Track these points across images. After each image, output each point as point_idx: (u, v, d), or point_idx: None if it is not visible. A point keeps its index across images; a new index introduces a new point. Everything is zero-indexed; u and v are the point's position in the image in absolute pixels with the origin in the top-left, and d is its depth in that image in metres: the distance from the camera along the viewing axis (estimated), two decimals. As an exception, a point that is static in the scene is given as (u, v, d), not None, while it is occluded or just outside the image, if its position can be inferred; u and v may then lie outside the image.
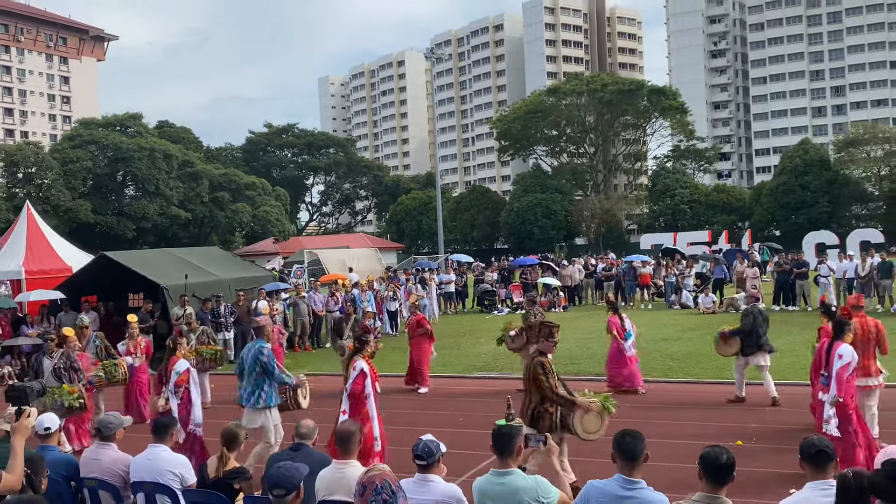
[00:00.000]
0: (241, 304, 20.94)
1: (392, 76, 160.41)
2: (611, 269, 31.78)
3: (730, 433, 10.58)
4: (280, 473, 4.57)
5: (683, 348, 17.85)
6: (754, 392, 13.29)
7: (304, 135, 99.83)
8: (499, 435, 5.27)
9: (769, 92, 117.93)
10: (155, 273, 20.56)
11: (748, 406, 12.54)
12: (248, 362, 9.70)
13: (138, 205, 67.33)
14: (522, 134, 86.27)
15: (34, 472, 5.11)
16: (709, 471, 4.55)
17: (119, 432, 6.84)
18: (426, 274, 30.78)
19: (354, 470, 5.57)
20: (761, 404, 12.55)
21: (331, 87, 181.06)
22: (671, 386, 14.45)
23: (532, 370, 8.34)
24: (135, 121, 75.19)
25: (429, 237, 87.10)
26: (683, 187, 77.95)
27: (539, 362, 8.32)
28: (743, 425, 11.32)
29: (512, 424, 5.35)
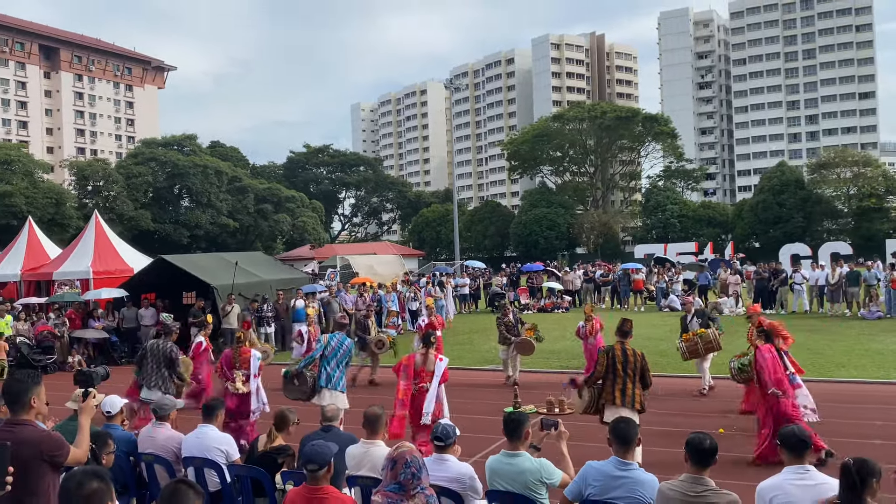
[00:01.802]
0: (280, 303, 21.02)
1: (415, 103, 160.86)
2: (608, 276, 31.65)
3: (712, 422, 10.49)
4: (313, 450, 4.58)
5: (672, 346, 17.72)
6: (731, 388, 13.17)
7: (338, 154, 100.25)
8: (508, 421, 5.28)
9: (750, 119, 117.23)
10: (206, 274, 20.68)
11: (730, 399, 12.43)
12: (338, 351, 10.02)
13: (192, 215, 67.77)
14: (530, 155, 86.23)
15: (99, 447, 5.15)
16: (694, 454, 4.53)
17: (173, 413, 6.89)
18: (443, 278, 30.78)
19: (380, 449, 5.59)
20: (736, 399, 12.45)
21: (361, 113, 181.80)
22: (660, 380, 14.29)
23: (643, 359, 8.37)
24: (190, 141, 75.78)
25: (446, 245, 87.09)
26: (673, 203, 77.54)
27: (639, 352, 8.49)
28: (723, 416, 11.23)
29: (520, 411, 5.33)
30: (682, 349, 12.61)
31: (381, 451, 5.53)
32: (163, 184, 68.12)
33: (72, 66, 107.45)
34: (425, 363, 9.15)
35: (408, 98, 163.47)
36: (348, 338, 10.39)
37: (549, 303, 30.58)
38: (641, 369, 8.34)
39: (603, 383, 8.44)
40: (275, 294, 21.31)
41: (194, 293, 21.27)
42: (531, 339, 14.16)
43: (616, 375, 8.31)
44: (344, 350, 10.15)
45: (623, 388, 8.29)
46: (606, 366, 8.40)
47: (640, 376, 8.32)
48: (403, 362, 9.26)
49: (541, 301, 31.13)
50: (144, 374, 10.97)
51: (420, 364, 9.12)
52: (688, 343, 12.62)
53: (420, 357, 9.23)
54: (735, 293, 26.80)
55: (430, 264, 58.57)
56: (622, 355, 8.38)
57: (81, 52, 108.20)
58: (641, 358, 8.41)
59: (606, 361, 8.42)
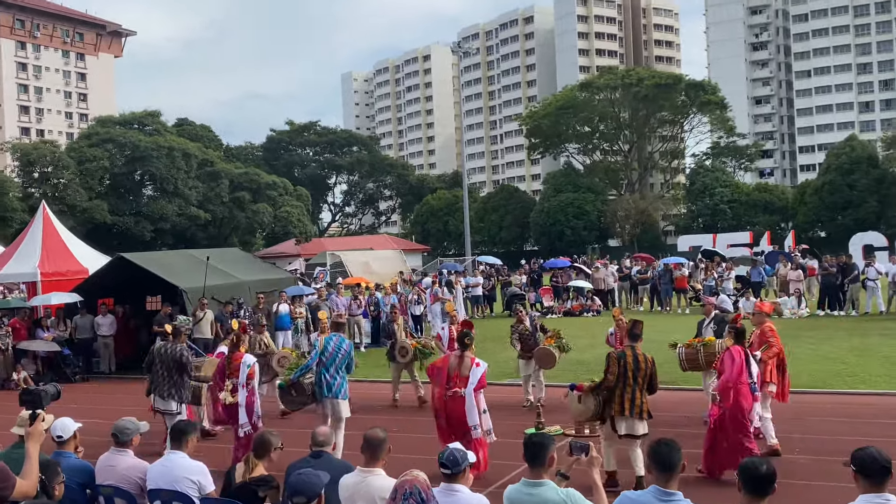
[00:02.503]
0: (261, 308, 21.05)
1: (417, 71, 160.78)
2: (646, 272, 31.56)
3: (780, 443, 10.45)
4: (301, 481, 4.59)
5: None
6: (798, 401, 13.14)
7: (327, 133, 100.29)
8: (530, 444, 5.26)
9: (814, 86, 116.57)
10: (173, 275, 20.70)
11: (792, 415, 12.39)
12: (336, 355, 10.38)
13: (156, 205, 67.93)
14: (553, 131, 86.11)
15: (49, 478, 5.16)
16: (748, 482, 4.51)
17: (136, 438, 6.89)
18: (452, 277, 30.79)
19: (379, 479, 5.58)
20: (805, 414, 12.41)
21: (354, 84, 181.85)
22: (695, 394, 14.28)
23: (653, 364, 9.02)
24: (153, 118, 75.91)
25: (455, 238, 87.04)
26: (723, 186, 77.32)
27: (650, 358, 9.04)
28: (785, 435, 11.21)
29: (543, 433, 5.33)
30: (681, 356, 12.45)
31: (380, 482, 5.53)
32: (121, 169, 68.27)
33: (13, 32, 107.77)
34: (460, 367, 9.33)
35: (408, 65, 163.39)
36: (347, 339, 10.64)
37: (577, 305, 30.55)
38: (650, 376, 8.97)
39: (612, 392, 8.91)
40: (254, 297, 21.36)
41: (159, 297, 21.32)
42: (552, 347, 13.86)
43: (626, 384, 8.87)
44: (343, 353, 10.41)
45: (632, 398, 8.87)
46: (618, 374, 8.89)
47: (647, 383, 8.97)
48: (437, 364, 9.35)
49: (567, 303, 31.10)
50: (156, 383, 11.47)
51: (454, 367, 9.35)
52: (688, 350, 12.45)
53: (455, 360, 9.35)
54: (797, 292, 26.71)
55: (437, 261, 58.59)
56: (633, 362, 8.94)
57: (24, 16, 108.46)
58: (652, 364, 9.01)
59: (618, 369, 8.89)
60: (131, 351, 21.98)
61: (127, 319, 21.87)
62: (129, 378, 20.61)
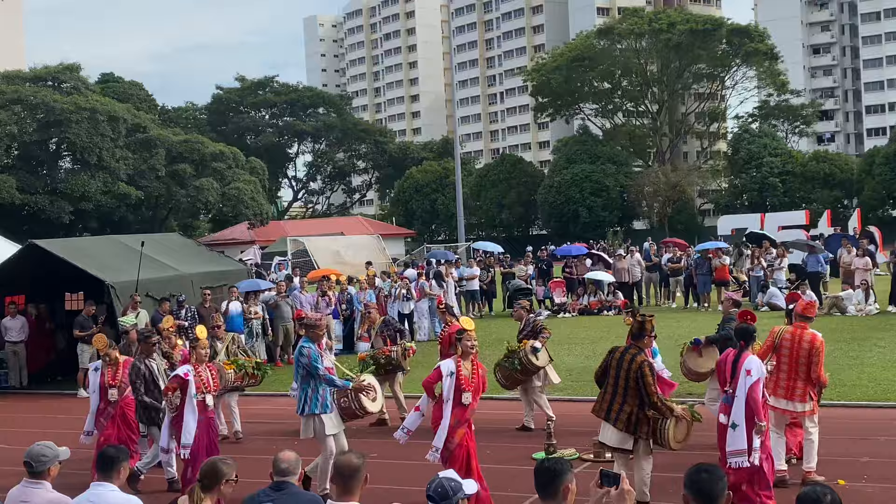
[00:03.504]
0: (207, 306, 21.01)
1: (398, 15, 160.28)
2: (680, 261, 31.60)
3: (833, 469, 10.52)
4: (259, 519, 4.58)
5: (773, 361, 17.74)
6: (865, 417, 13.20)
7: (286, 90, 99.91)
8: (542, 471, 5.26)
9: (884, 31, 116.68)
10: (98, 267, 20.61)
11: (859, 434, 12.45)
12: (296, 363, 11.07)
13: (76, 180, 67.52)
14: (565, 88, 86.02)
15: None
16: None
17: (54, 468, 6.87)
18: (442, 267, 30.77)
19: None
20: (873, 432, 12.47)
21: (320, 30, 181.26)
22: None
23: (637, 370, 9.47)
24: (71, 73, 75.36)
25: (445, 221, 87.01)
26: (773, 155, 77.50)
27: (646, 362, 9.56)
28: (852, 459, 11.26)
29: (556, 457, 5.33)
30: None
31: (357, 517, 5.53)
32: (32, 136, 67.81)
33: None
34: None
35: (386, 7, 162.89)
36: (308, 341, 10.96)
37: (596, 301, 30.56)
38: (635, 383, 9.48)
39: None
40: (198, 294, 21.30)
41: (82, 294, 21.24)
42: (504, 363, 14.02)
43: (607, 383, 9.81)
44: (305, 361, 10.73)
45: (611, 402, 9.68)
46: (603, 367, 9.93)
47: (632, 393, 9.51)
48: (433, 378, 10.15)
49: (583, 299, 31.11)
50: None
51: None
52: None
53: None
54: (864, 283, 26.78)
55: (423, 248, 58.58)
56: (618, 361, 9.74)
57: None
58: (637, 370, 9.47)
59: (605, 362, 9.94)
60: (47, 360, 21.90)
61: (42, 322, 21.76)
62: (45, 393, 20.57)
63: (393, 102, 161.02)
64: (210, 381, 11.17)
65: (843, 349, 18.70)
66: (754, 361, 9.41)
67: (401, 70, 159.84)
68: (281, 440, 13.71)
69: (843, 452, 11.56)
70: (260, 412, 16.59)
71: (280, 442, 12.90)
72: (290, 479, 6.39)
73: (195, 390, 10.93)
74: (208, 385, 11.09)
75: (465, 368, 10.02)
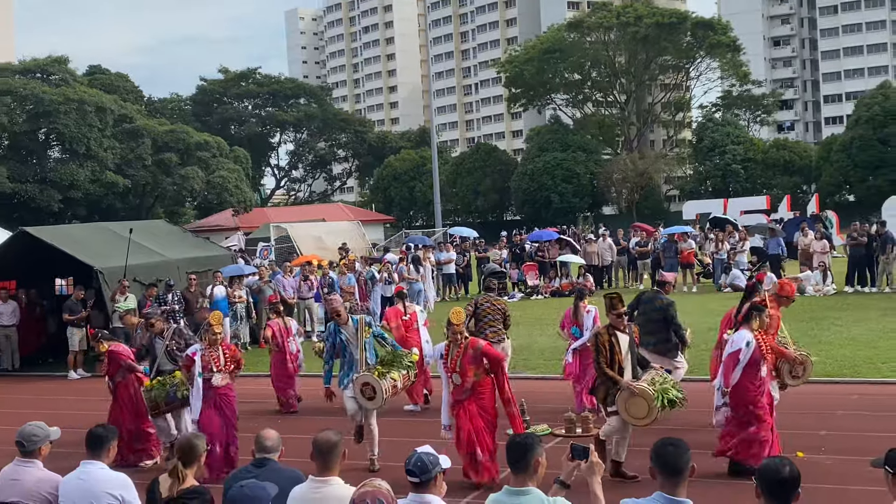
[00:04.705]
0: (193, 291, 20.94)
1: (376, 8, 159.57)
2: (647, 244, 31.75)
3: (792, 442, 10.62)
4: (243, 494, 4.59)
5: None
6: (823, 392, 13.32)
7: (268, 82, 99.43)
8: (512, 445, 5.29)
9: (841, 24, 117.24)
10: (87, 253, 20.51)
11: (817, 409, 12.56)
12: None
13: (65, 169, 67.04)
14: (537, 79, 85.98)
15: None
16: (768, 487, 4.56)
17: (45, 447, 6.84)
18: (420, 252, 30.78)
19: (335, 488, 5.59)
20: (831, 407, 12.58)
21: (300, 23, 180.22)
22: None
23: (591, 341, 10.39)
24: (59, 66, 74.71)
25: (423, 207, 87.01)
26: (735, 143, 77.79)
27: (596, 333, 10.31)
28: (810, 432, 11.36)
29: (529, 433, 5.35)
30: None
31: (338, 492, 5.55)
32: (22, 127, 67.26)
33: None
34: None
35: (365, 1, 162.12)
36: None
37: (567, 284, 30.66)
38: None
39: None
40: (184, 278, 21.22)
41: (71, 279, 21.13)
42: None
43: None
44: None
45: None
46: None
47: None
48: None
49: (555, 282, 31.23)
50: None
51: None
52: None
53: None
54: (822, 265, 27.00)
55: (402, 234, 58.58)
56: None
57: None
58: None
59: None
60: (38, 343, 21.81)
61: (32, 306, 21.63)
62: (37, 375, 20.47)
63: (372, 93, 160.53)
64: (221, 360, 11.17)
65: (802, 328, 18.84)
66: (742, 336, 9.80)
67: (379, 62, 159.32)
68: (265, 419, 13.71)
69: (803, 426, 11.66)
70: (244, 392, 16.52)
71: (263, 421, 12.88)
72: (272, 455, 6.40)
73: (200, 369, 11.03)
74: (218, 364, 11.09)
75: (452, 352, 10.14)
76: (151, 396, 11.64)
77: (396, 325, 15.08)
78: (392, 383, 10.78)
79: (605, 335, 10.03)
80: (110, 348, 12.26)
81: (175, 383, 11.59)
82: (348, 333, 11.20)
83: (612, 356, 9.90)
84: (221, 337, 11.60)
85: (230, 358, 11.34)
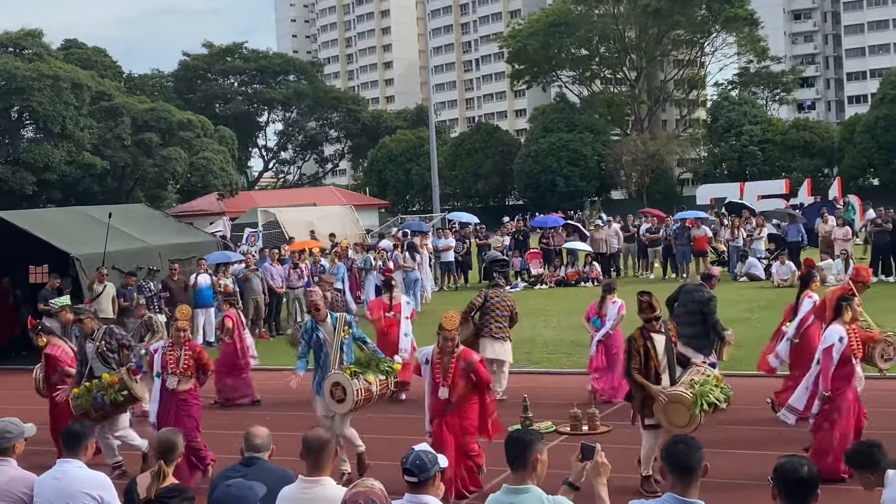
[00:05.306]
0: (175, 279, 20.94)
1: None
2: (658, 231, 31.72)
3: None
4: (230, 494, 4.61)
5: (753, 332, 17.89)
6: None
7: (256, 57, 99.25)
8: (510, 443, 5.32)
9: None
10: (63, 239, 20.50)
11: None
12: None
13: (40, 150, 66.96)
14: (542, 54, 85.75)
15: None
16: (786, 488, 4.58)
17: (19, 444, 6.85)
18: (417, 238, 30.75)
19: (326, 489, 5.61)
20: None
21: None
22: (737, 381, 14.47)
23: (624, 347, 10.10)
24: (32, 40, 74.55)
25: (420, 191, 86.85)
26: (753, 123, 77.67)
27: (630, 337, 9.93)
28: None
29: (526, 429, 5.38)
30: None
31: (329, 493, 5.58)
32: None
33: None
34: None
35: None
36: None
37: (573, 273, 30.68)
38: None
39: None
40: (166, 266, 21.22)
41: (46, 267, 21.11)
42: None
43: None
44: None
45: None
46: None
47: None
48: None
49: (560, 270, 31.23)
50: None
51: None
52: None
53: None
54: (844, 253, 27.01)
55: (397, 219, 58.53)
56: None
57: None
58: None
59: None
60: (10, 335, 21.78)
61: (5, 296, 21.62)
62: (9, 369, 20.45)
63: (366, 69, 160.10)
64: (180, 361, 10.76)
65: (823, 320, 18.81)
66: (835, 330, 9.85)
67: (374, 36, 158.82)
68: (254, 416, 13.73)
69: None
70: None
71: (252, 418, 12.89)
72: (262, 454, 6.42)
73: (160, 369, 10.81)
74: (175, 366, 10.72)
75: (442, 362, 9.94)
76: (79, 404, 11.07)
77: (378, 317, 15.20)
78: (366, 386, 10.15)
79: (638, 339, 9.75)
80: (48, 351, 12.11)
81: (103, 387, 11.04)
82: (325, 332, 10.81)
83: (647, 361, 9.64)
84: (187, 335, 11.20)
85: (193, 360, 10.87)
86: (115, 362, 11.52)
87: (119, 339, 11.96)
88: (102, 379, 11.18)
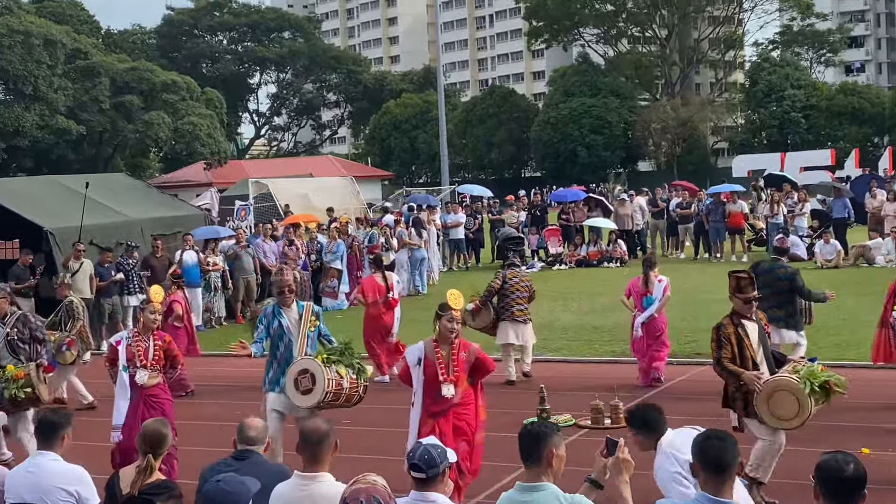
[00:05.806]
0: (158, 256, 20.97)
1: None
2: (690, 206, 31.62)
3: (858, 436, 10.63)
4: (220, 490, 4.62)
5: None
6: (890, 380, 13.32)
7: (247, 12, 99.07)
8: (524, 436, 5.35)
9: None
10: (35, 211, 20.56)
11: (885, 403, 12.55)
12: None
13: (9, 113, 67.03)
14: (563, 10, 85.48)
15: None
16: (829, 486, 4.59)
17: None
18: (423, 213, 30.72)
19: (324, 486, 5.64)
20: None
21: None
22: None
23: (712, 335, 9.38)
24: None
25: (427, 161, 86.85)
26: (795, 87, 77.42)
27: (718, 325, 9.35)
28: (876, 425, 11.38)
29: (541, 421, 5.40)
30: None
31: (328, 490, 5.60)
32: (-42, 63, 67.22)
33: None
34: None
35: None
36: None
37: (595, 252, 30.63)
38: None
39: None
40: (148, 242, 21.25)
41: (17, 242, 21.13)
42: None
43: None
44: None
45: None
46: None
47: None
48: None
49: (581, 249, 31.17)
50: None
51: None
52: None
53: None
54: (894, 231, 26.93)
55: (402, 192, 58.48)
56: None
57: None
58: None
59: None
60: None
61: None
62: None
63: (368, 26, 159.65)
64: (149, 353, 10.42)
65: (871, 304, 18.78)
66: None
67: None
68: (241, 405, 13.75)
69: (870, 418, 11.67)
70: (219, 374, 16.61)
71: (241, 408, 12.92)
72: (257, 448, 6.44)
73: (125, 362, 10.35)
74: (144, 358, 10.36)
75: (443, 355, 9.17)
76: None
77: (373, 300, 15.22)
78: (337, 379, 9.49)
79: (729, 326, 9.23)
80: None
81: (6, 379, 10.66)
82: (289, 319, 10.26)
83: (741, 350, 9.16)
84: (157, 323, 10.89)
85: (163, 351, 10.57)
86: (25, 355, 11.28)
87: (33, 328, 11.71)
88: (7, 370, 10.80)
